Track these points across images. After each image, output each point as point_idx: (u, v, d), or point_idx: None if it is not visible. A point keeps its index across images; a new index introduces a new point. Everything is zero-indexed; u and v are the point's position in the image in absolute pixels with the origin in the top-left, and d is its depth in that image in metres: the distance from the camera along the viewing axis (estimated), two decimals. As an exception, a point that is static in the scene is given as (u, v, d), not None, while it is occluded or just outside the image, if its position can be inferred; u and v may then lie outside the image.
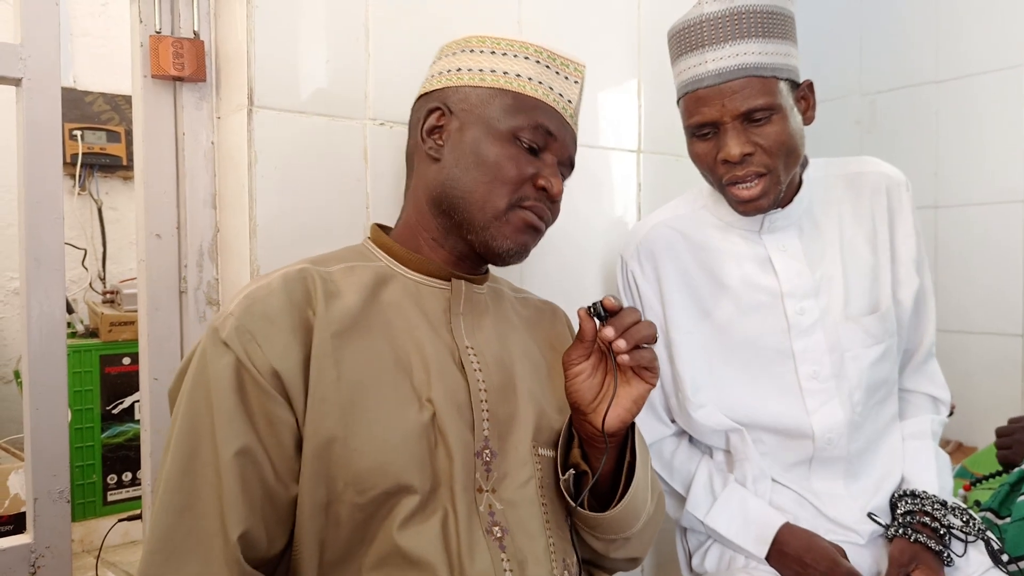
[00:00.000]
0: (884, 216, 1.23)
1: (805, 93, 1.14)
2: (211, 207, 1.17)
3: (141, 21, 1.12)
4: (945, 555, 1.13)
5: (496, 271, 1.07)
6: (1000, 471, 1.51)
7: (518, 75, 0.93)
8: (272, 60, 1.09)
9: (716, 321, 1.23)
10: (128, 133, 2.99)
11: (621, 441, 0.93)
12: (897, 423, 1.27)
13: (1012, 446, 1.41)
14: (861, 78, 2.13)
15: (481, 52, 0.95)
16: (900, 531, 1.15)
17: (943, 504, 1.16)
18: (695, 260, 1.25)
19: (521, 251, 0.94)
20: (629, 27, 1.54)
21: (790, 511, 1.20)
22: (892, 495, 1.21)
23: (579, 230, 1.44)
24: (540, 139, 0.93)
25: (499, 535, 0.86)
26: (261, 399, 0.79)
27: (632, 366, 0.87)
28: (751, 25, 1.07)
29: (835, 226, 1.23)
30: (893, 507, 1.20)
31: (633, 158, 1.56)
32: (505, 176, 0.91)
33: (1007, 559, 1.17)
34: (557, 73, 0.96)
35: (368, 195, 1.19)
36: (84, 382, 2.62)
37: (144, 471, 1.17)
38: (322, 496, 0.81)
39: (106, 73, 3.03)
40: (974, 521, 1.16)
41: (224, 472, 0.77)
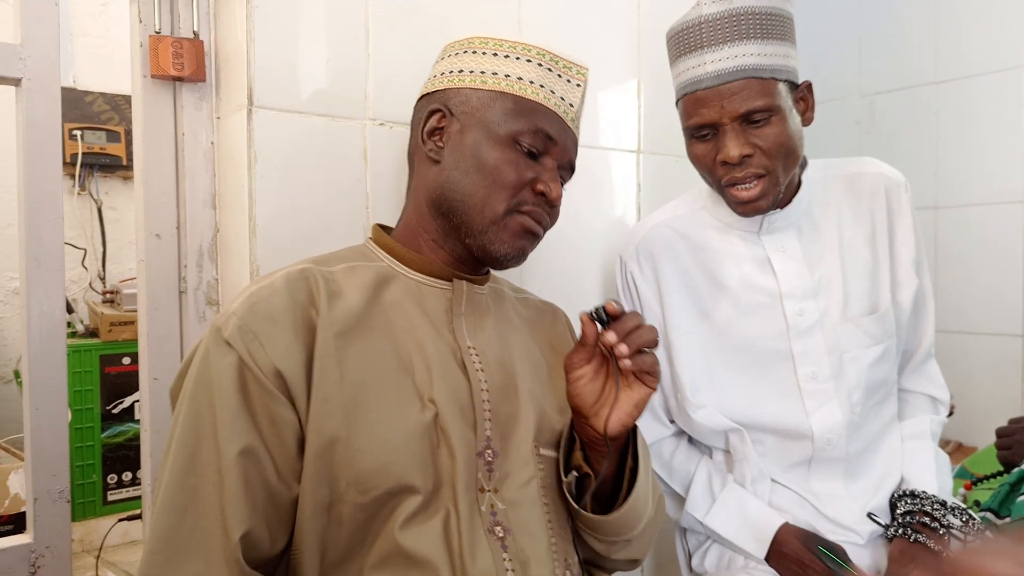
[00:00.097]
0: (883, 217, 1.23)
1: (804, 94, 1.14)
2: (211, 207, 1.17)
3: (141, 21, 1.12)
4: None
5: (496, 272, 1.07)
6: (1000, 471, 1.51)
7: (519, 78, 0.93)
8: (272, 60, 1.09)
9: (715, 322, 1.23)
10: (128, 133, 2.99)
11: (623, 443, 0.93)
12: (896, 423, 1.27)
13: (1012, 446, 1.41)
14: (860, 79, 2.13)
15: (483, 54, 0.95)
16: (900, 531, 1.15)
17: (943, 504, 1.16)
18: (694, 261, 1.25)
19: (518, 256, 0.94)
20: (629, 27, 1.54)
21: (789, 511, 1.20)
22: (892, 495, 1.22)
23: (579, 231, 1.44)
24: (540, 143, 0.93)
25: (501, 535, 0.86)
26: (264, 399, 0.79)
27: (634, 371, 0.87)
28: (750, 26, 1.07)
29: (834, 227, 1.23)
30: (892, 507, 1.20)
31: (633, 158, 1.56)
32: (504, 181, 0.91)
33: (1007, 559, 1.17)
34: (559, 76, 0.95)
35: (368, 195, 1.19)
36: (84, 382, 2.62)
37: (144, 471, 1.17)
38: (324, 496, 0.80)
39: (106, 73, 3.03)
40: (974, 521, 1.16)
41: (226, 472, 0.76)
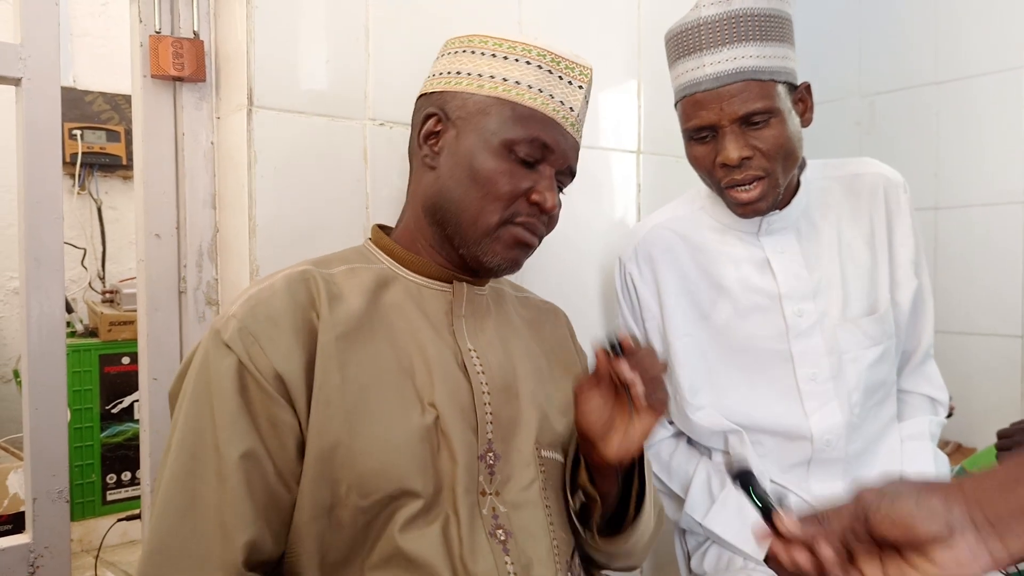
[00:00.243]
0: (882, 217, 1.23)
1: (803, 95, 1.14)
2: (211, 207, 1.17)
3: (141, 21, 1.12)
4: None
5: None
6: (999, 472, 1.51)
7: (517, 82, 0.91)
8: (272, 60, 1.09)
9: (714, 323, 1.23)
10: (128, 133, 2.99)
11: (628, 465, 0.94)
12: (895, 424, 1.27)
13: (1012, 447, 1.41)
14: (860, 79, 2.13)
15: (482, 54, 0.93)
16: (898, 532, 1.15)
17: (941, 505, 1.16)
18: (693, 262, 1.25)
19: (512, 266, 0.93)
20: (629, 28, 1.54)
21: (788, 512, 1.20)
22: (891, 496, 1.21)
23: (579, 231, 1.44)
24: (536, 152, 0.90)
25: (503, 538, 0.86)
26: (264, 402, 0.79)
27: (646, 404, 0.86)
28: (749, 28, 1.07)
29: (833, 228, 1.23)
30: (892, 508, 1.20)
31: (633, 159, 1.56)
32: (498, 192, 0.89)
33: (1006, 561, 1.17)
34: (560, 78, 0.93)
35: (368, 195, 1.19)
36: (83, 382, 2.62)
37: (143, 471, 1.17)
38: (325, 499, 0.80)
39: (106, 73, 3.03)
40: (972, 523, 1.16)
41: (228, 475, 0.76)
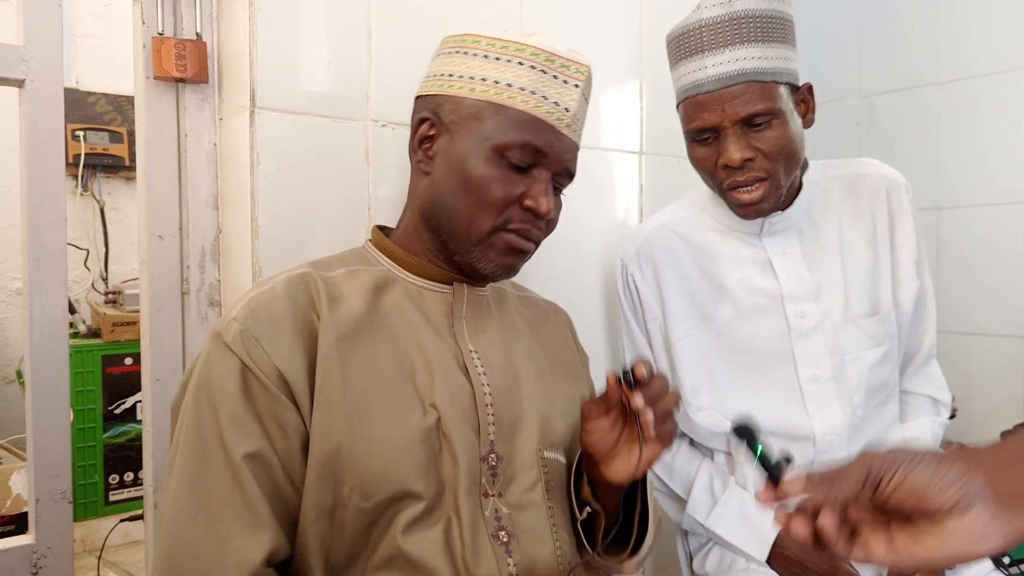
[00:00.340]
0: (884, 218, 1.23)
1: (805, 96, 1.14)
2: (213, 208, 1.18)
3: (144, 23, 1.12)
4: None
5: None
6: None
7: (509, 85, 0.89)
8: (274, 61, 1.09)
9: (716, 324, 1.23)
10: (131, 134, 2.99)
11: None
12: (898, 425, 1.27)
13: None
14: (861, 80, 2.12)
15: (475, 55, 0.91)
16: (900, 533, 1.15)
17: (943, 506, 1.16)
18: (695, 263, 1.25)
19: (507, 272, 0.93)
20: (631, 28, 1.54)
21: (790, 513, 1.20)
22: (892, 497, 1.21)
23: (581, 232, 1.44)
24: (528, 157, 0.89)
25: (505, 540, 0.86)
26: (269, 402, 0.79)
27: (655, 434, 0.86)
28: (750, 30, 1.07)
29: (835, 228, 1.23)
30: (893, 509, 1.20)
31: (635, 159, 1.56)
32: (490, 199, 0.88)
33: (1008, 561, 1.17)
34: (555, 77, 0.90)
35: (370, 196, 1.19)
36: (86, 382, 2.62)
37: (146, 471, 1.17)
38: (327, 501, 0.80)
39: (109, 74, 3.03)
40: (974, 523, 1.16)
41: (241, 475, 0.76)
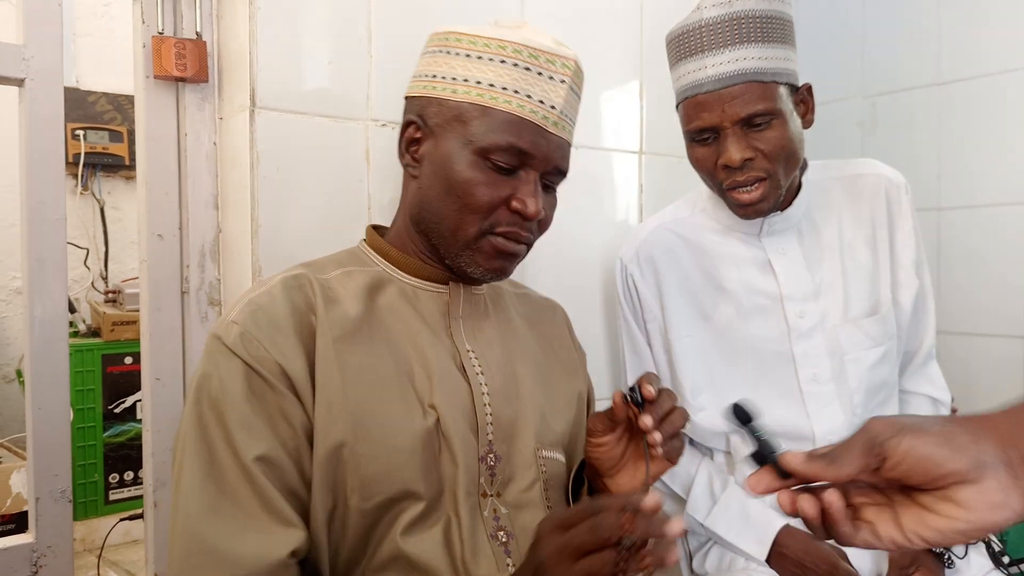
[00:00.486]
0: (883, 218, 1.23)
1: (804, 97, 1.14)
2: (213, 208, 1.18)
3: (144, 22, 1.12)
4: (946, 557, 1.13)
5: None
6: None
7: (491, 85, 0.86)
8: (274, 61, 1.09)
9: (716, 324, 1.23)
10: (131, 133, 2.99)
11: None
12: (897, 425, 1.27)
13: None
14: (862, 80, 2.12)
15: (456, 55, 0.88)
16: (900, 533, 1.15)
17: (943, 506, 1.16)
18: (695, 263, 1.25)
19: (498, 274, 0.91)
20: (631, 28, 1.54)
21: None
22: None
23: (580, 232, 1.44)
24: (513, 159, 0.87)
25: (504, 539, 0.86)
26: (276, 400, 0.78)
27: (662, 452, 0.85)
28: (750, 30, 1.07)
29: (834, 229, 1.23)
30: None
31: (635, 159, 1.56)
32: (475, 203, 0.86)
33: (1008, 561, 1.17)
34: (540, 74, 0.87)
35: (370, 196, 1.19)
36: (86, 381, 2.62)
37: (146, 470, 1.17)
38: (328, 502, 0.80)
39: (109, 73, 3.03)
40: (974, 523, 1.16)
41: (253, 478, 0.75)
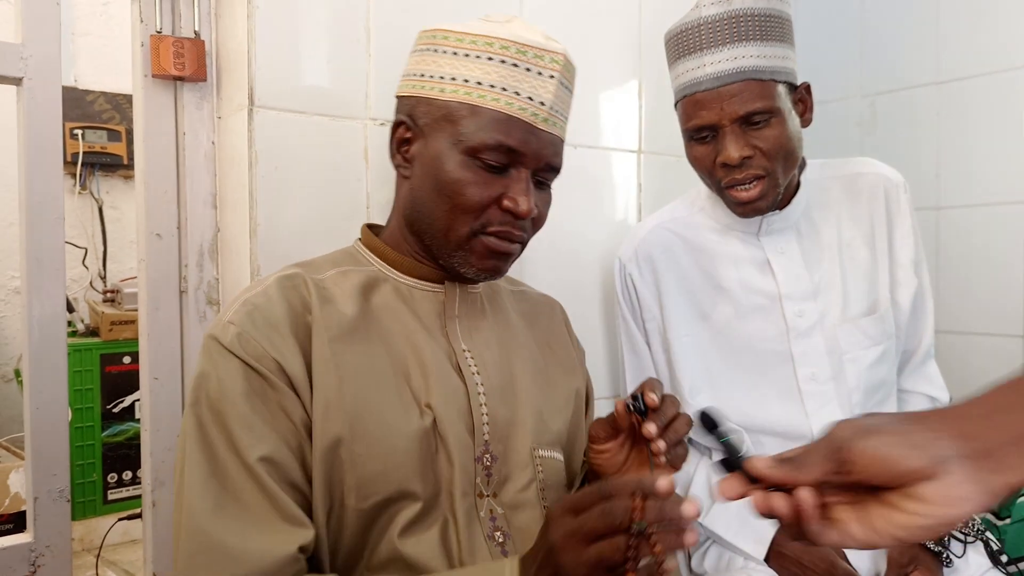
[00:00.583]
0: (882, 217, 1.23)
1: (803, 95, 1.15)
2: (211, 207, 1.18)
3: (142, 21, 1.12)
4: (944, 556, 1.13)
5: None
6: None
7: (479, 83, 0.85)
8: (273, 60, 1.09)
9: (714, 324, 1.23)
10: (129, 132, 2.99)
11: None
12: (896, 424, 1.27)
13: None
14: (861, 80, 2.12)
15: (444, 53, 0.88)
16: (899, 532, 1.15)
17: (942, 505, 1.16)
18: (693, 263, 1.25)
19: (492, 274, 0.91)
20: (630, 27, 1.54)
21: (789, 512, 1.20)
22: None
23: (579, 231, 1.44)
24: (503, 158, 0.86)
25: (501, 540, 0.86)
26: (276, 397, 0.79)
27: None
28: (749, 28, 1.07)
29: (833, 228, 1.23)
30: (892, 508, 1.20)
31: (634, 159, 1.56)
32: (466, 203, 0.85)
33: (1006, 560, 1.17)
34: (528, 70, 0.86)
35: (369, 195, 1.19)
36: (84, 381, 2.62)
37: (144, 470, 1.17)
38: (326, 501, 0.80)
39: (107, 72, 3.03)
40: (973, 522, 1.16)
41: (258, 478, 0.75)
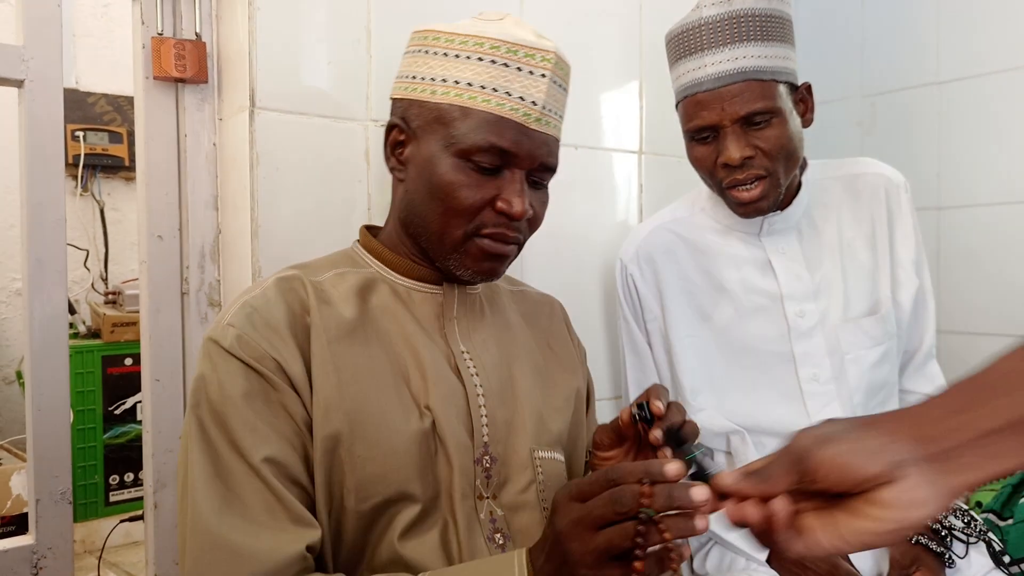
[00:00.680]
0: (883, 217, 1.23)
1: (804, 95, 1.15)
2: (213, 208, 1.18)
3: (143, 23, 1.12)
4: (946, 556, 1.13)
5: None
6: (1002, 473, 1.50)
7: (469, 84, 0.85)
8: (274, 62, 1.09)
9: (716, 324, 1.23)
10: (130, 134, 2.99)
11: None
12: (898, 425, 1.27)
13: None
14: (862, 80, 2.12)
15: (434, 54, 0.87)
16: (901, 533, 1.15)
17: (944, 505, 1.16)
18: (694, 263, 1.25)
19: (488, 276, 0.90)
20: (631, 28, 1.54)
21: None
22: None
23: (580, 232, 1.44)
24: (495, 159, 0.85)
25: (501, 542, 0.86)
26: (277, 396, 0.79)
27: None
28: (750, 28, 1.07)
29: (834, 228, 1.23)
30: (894, 509, 1.20)
31: (635, 159, 1.55)
32: (460, 206, 0.85)
33: (1009, 560, 1.17)
34: (519, 69, 0.85)
35: (370, 196, 1.19)
36: (86, 383, 2.62)
37: (146, 472, 1.17)
38: (327, 503, 0.80)
39: (108, 74, 3.03)
40: (975, 522, 1.16)
41: (263, 478, 0.75)
